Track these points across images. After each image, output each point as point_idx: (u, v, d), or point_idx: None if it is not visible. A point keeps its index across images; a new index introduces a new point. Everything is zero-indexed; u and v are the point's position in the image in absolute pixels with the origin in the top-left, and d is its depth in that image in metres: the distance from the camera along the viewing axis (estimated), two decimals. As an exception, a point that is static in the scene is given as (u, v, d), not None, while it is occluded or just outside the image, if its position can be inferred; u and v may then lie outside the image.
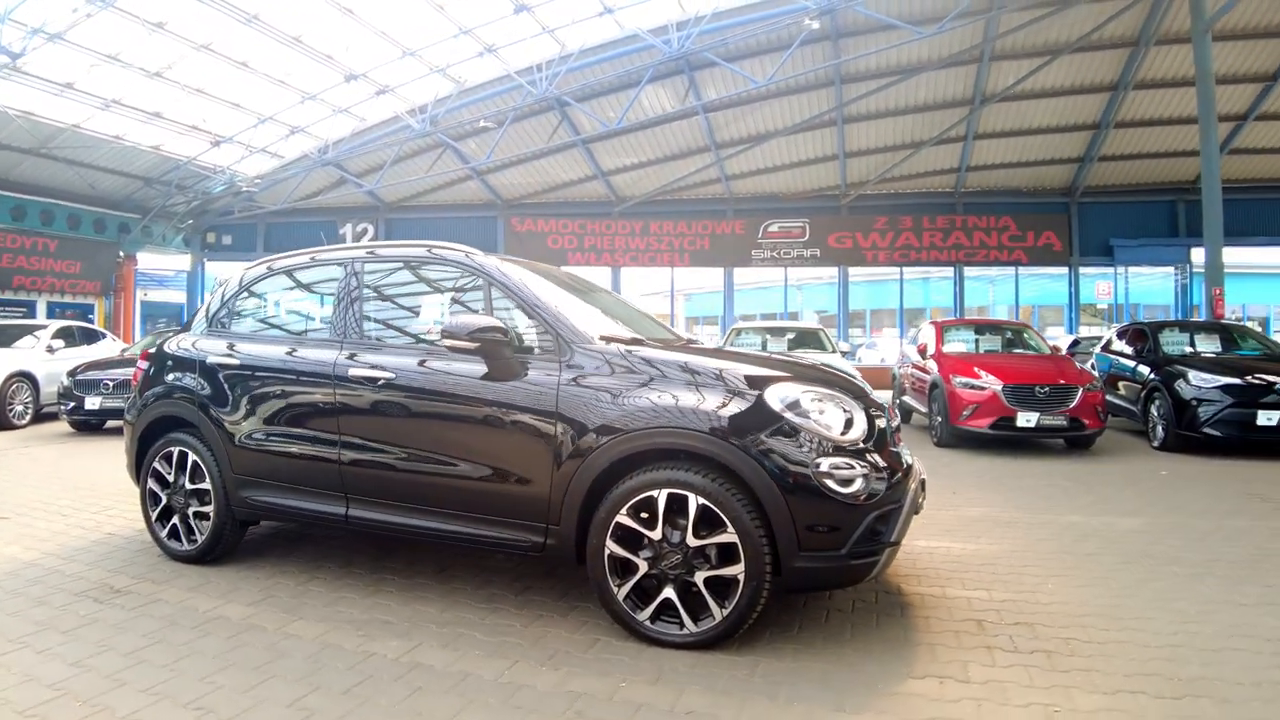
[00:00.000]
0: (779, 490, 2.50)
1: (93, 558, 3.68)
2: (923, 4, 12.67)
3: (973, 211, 19.62)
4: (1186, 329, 9.37)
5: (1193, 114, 15.24)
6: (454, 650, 2.60)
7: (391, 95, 14.29)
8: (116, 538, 4.09)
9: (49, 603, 3.04)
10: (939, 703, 2.25)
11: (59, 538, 4.07)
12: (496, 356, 2.86)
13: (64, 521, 4.46)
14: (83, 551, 3.79)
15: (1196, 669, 2.48)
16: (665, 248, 19.65)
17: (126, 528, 4.29)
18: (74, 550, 3.81)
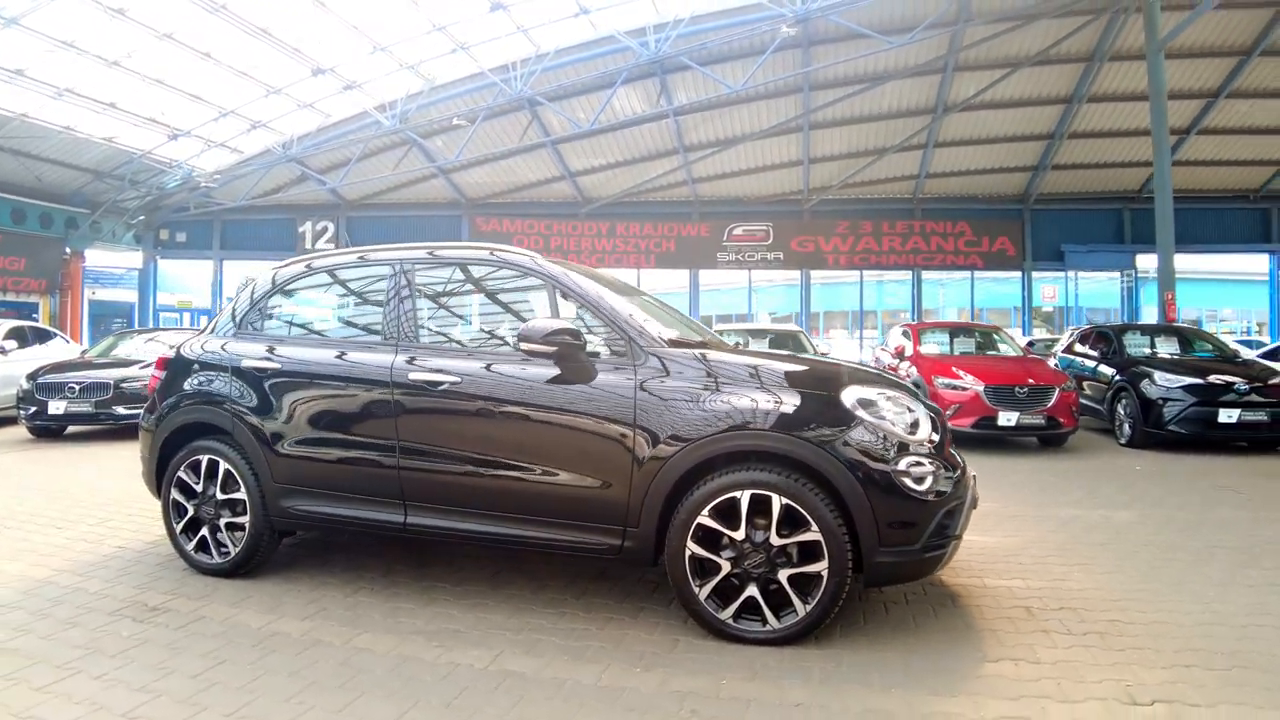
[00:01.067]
0: (862, 489, 2.65)
1: (111, 573, 3.56)
2: (894, 15, 13.16)
3: (931, 217, 20.39)
4: (1147, 332, 9.99)
5: (1140, 127, 16.26)
6: (538, 656, 2.65)
7: (359, 91, 14.03)
8: (129, 551, 3.96)
9: (83, 624, 2.93)
10: (1020, 682, 2.44)
11: (64, 552, 3.92)
12: (572, 360, 2.93)
13: (62, 535, 4.29)
14: (97, 567, 3.66)
15: (1233, 644, 2.74)
16: (632, 249, 19.81)
17: (135, 540, 4.16)
18: (88, 566, 3.68)
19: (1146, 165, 17.85)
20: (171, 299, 21.00)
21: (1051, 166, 18.52)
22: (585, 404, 2.91)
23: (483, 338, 3.49)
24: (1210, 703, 2.30)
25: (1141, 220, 19.37)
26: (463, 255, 3.51)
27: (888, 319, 22.52)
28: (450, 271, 3.51)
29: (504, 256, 3.34)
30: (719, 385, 2.84)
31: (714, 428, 2.76)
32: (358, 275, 3.70)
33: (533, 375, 3.01)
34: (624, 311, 3.09)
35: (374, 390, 3.23)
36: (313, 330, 3.75)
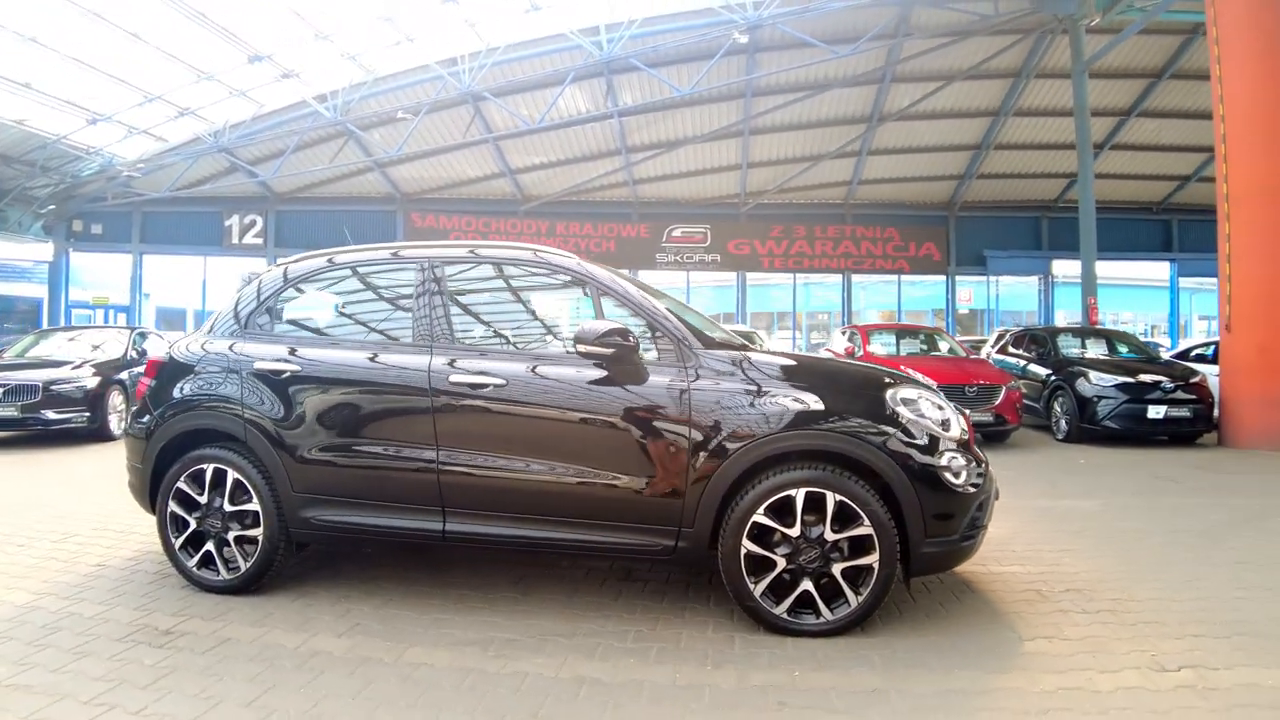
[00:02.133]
0: (911, 484, 2.85)
1: (102, 595, 3.34)
2: (840, 26, 13.74)
3: (861, 222, 21.37)
4: (1078, 334, 10.82)
5: (1059, 140, 17.59)
6: (604, 660, 2.69)
7: (297, 80, 13.48)
8: (110, 569, 3.72)
9: (94, 653, 2.74)
10: (1060, 657, 2.68)
11: (37, 573, 3.64)
12: (626, 362, 2.99)
13: (26, 554, 3.99)
14: (81, 588, 3.43)
15: (1227, 614, 3.10)
16: (571, 249, 19.63)
17: (113, 557, 3.92)
18: (70, 588, 3.43)
19: (1064, 177, 19.36)
20: (86, 295, 19.50)
21: (977, 176, 19.75)
22: (639, 406, 2.98)
23: (524, 339, 3.49)
24: (1227, 665, 2.61)
25: (1057, 228, 20.94)
26: (502, 255, 3.49)
27: (810, 320, 23.48)
28: (487, 271, 3.50)
29: (547, 258, 3.35)
30: (770, 386, 2.98)
31: (769, 428, 2.89)
32: (385, 273, 3.61)
33: (584, 377, 3.04)
34: (669, 314, 3.18)
35: (411, 394, 3.17)
36: (333, 331, 3.62)
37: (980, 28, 13.53)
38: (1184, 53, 14.77)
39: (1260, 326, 7.84)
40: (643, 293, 3.29)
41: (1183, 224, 20.42)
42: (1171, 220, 20.41)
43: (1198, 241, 20.35)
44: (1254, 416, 7.89)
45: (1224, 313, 8.33)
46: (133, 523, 4.54)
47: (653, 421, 2.97)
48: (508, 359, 3.21)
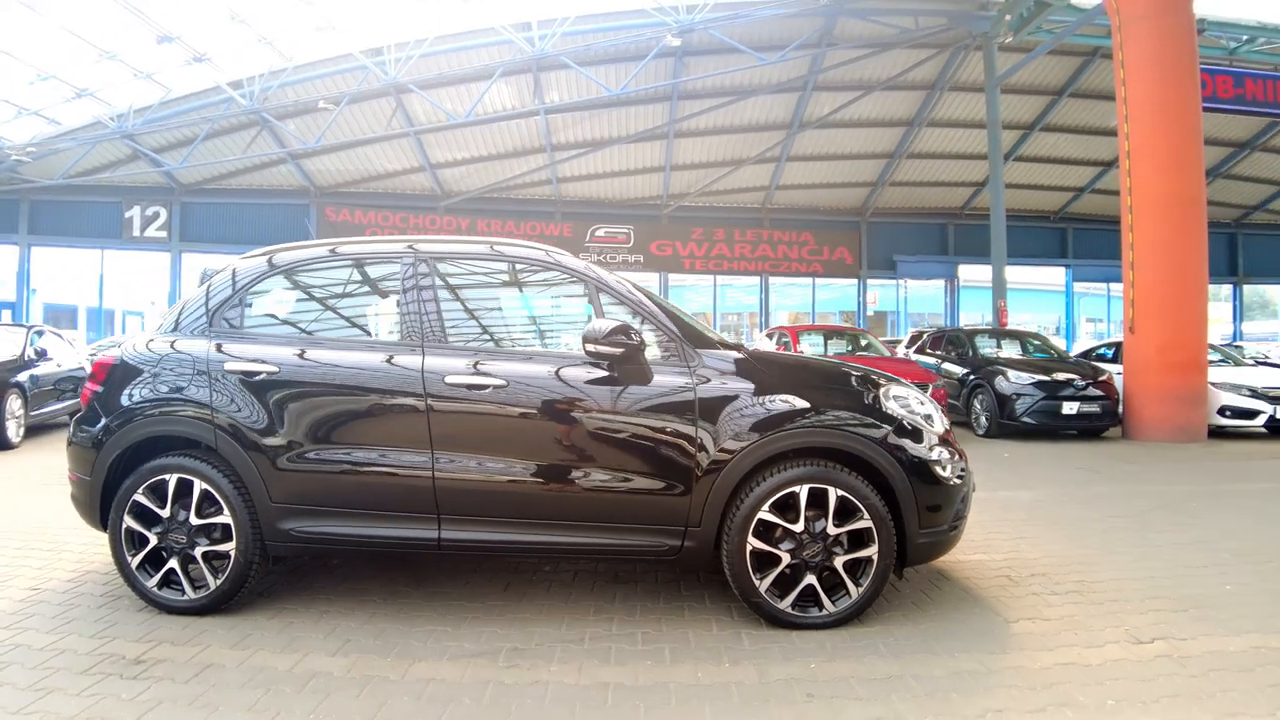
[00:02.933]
0: (908, 478, 3.01)
1: (47, 623, 3.05)
2: (768, 33, 14.17)
3: (778, 226, 22.13)
4: (993, 335, 11.57)
5: (966, 151, 18.76)
6: (622, 664, 2.68)
7: (209, 64, 12.62)
8: (48, 593, 3.41)
9: (59, 688, 2.48)
10: (1047, 636, 2.90)
11: None
12: (633, 362, 3.00)
13: (34, 561, 3.71)
14: (22, 616, 3.12)
15: (1178, 590, 3.43)
16: (493, 249, 19.51)
17: (46, 579, 3.57)
18: (8, 615, 3.11)
19: (970, 185, 20.66)
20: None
21: (888, 183, 20.80)
22: (646, 406, 3.00)
23: (523, 340, 3.43)
24: (1192, 636, 2.89)
25: (962, 235, 22.33)
26: (514, 254, 3.41)
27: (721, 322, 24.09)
28: (483, 269, 3.43)
29: (557, 258, 3.31)
30: (774, 385, 3.07)
31: (774, 425, 2.98)
32: (374, 268, 3.46)
33: (588, 377, 3.04)
34: (669, 314, 3.22)
35: (403, 396, 3.06)
36: (315, 328, 3.41)
37: (901, 41, 14.28)
38: (1083, 73, 16.11)
39: (1160, 329, 8.65)
40: (643, 294, 3.32)
41: (1077, 232, 22.20)
42: (1067, 228, 22.14)
43: (1089, 248, 22.22)
44: (1154, 411, 8.69)
45: (1128, 316, 9.13)
46: (61, 538, 4.22)
47: (659, 421, 3.00)
48: (507, 359, 3.15)
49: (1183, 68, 8.67)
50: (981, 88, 16.08)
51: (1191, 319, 8.69)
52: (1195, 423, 8.64)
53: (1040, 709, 2.34)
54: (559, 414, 3.04)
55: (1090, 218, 21.93)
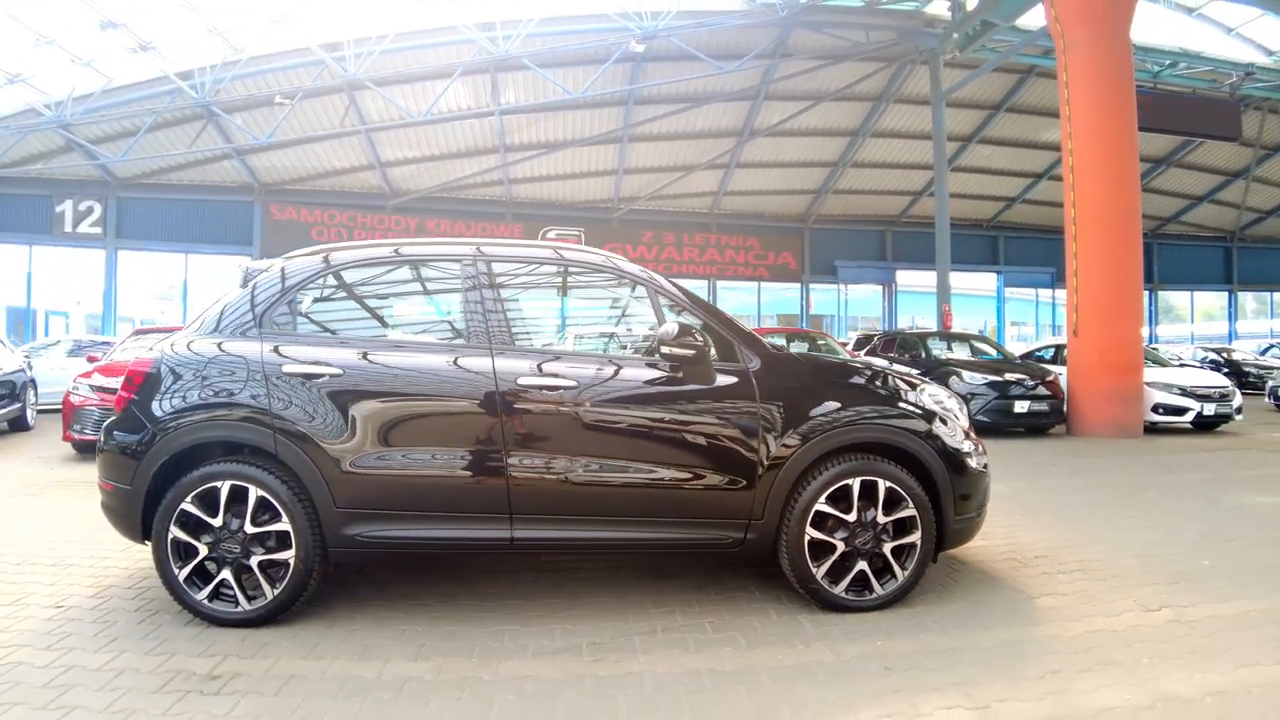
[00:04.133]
0: (946, 469, 3.31)
1: (90, 640, 2.94)
2: (727, 43, 14.60)
3: (725, 231, 22.71)
4: (945, 338, 12.27)
5: (905, 161, 19.70)
6: (701, 652, 2.85)
7: (155, 54, 12.06)
8: (76, 609, 3.30)
9: (142, 709, 2.40)
10: (1070, 608, 3.25)
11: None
12: (700, 362, 3.18)
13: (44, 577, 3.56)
14: (59, 635, 2.99)
15: (1171, 566, 3.87)
16: (442, 249, 19.32)
17: (68, 595, 3.46)
18: (44, 635, 2.99)
19: (908, 194, 21.68)
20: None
21: (832, 191, 21.62)
22: (711, 406, 3.20)
23: (588, 342, 3.58)
24: (1191, 603, 3.30)
25: (900, 241, 23.41)
26: (574, 259, 3.54)
27: None
28: (547, 273, 3.56)
29: (617, 264, 3.46)
30: (826, 385, 3.34)
31: (830, 424, 3.23)
32: (438, 270, 3.52)
33: (657, 378, 3.21)
34: (723, 317, 3.44)
35: (477, 397, 3.14)
36: (371, 330, 3.47)
37: (851, 53, 14.95)
38: (1019, 89, 17.22)
39: (1101, 332, 9.42)
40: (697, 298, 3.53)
41: (1007, 239, 23.59)
42: (999, 236, 23.51)
43: (1019, 255, 23.63)
44: (1097, 409, 9.44)
45: (1071, 320, 9.89)
46: (62, 552, 4.12)
47: (724, 420, 3.19)
48: (576, 361, 3.29)
49: (1121, 89, 9.49)
50: (924, 100, 16.97)
51: (1129, 323, 9.50)
52: (1133, 420, 9.44)
53: (1088, 668, 2.67)
54: (629, 414, 3.19)
55: (1020, 226, 23.36)
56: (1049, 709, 2.39)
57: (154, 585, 3.54)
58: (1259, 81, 15.95)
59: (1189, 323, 27.60)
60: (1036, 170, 20.80)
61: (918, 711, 2.38)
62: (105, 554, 4.11)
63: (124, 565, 3.91)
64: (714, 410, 3.21)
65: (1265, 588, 3.54)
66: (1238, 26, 15.18)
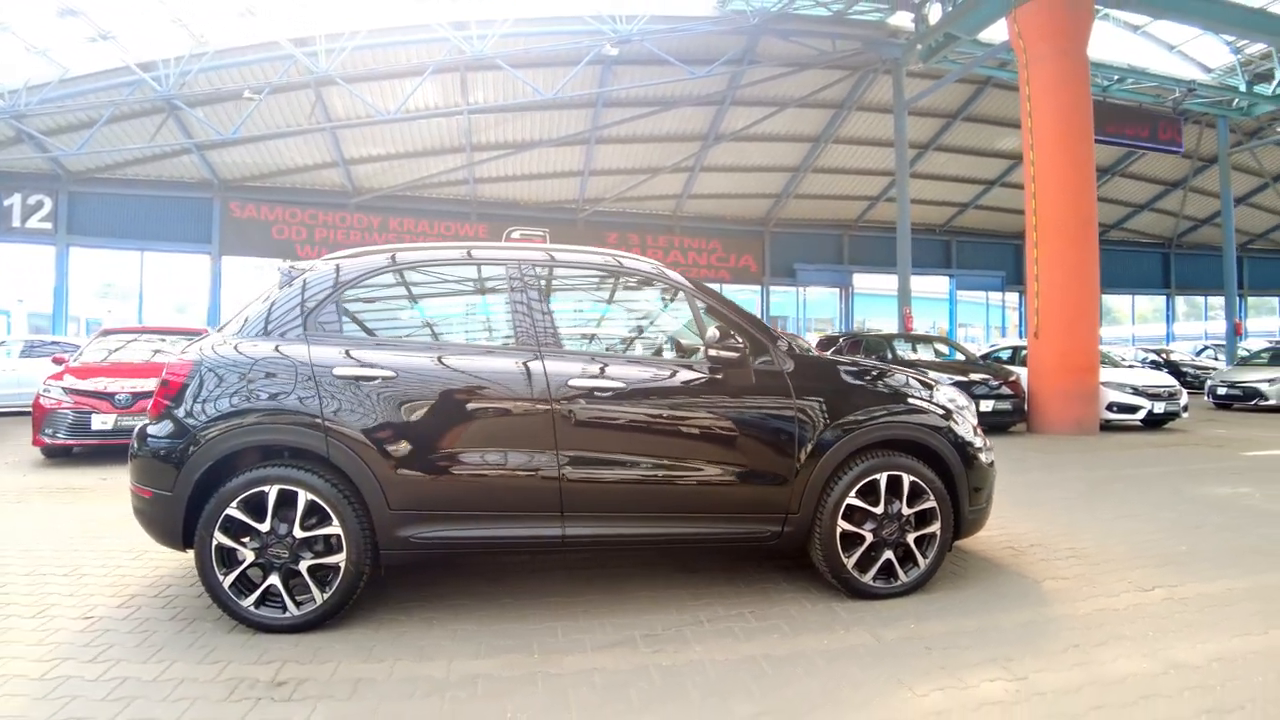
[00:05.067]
0: (962, 464, 3.59)
1: (132, 651, 2.89)
2: (698, 49, 14.87)
3: (688, 233, 23.04)
4: (909, 339, 12.76)
5: (863, 167, 20.32)
6: (751, 640, 3.03)
7: (114, 44, 11.65)
8: (106, 620, 3.24)
9: (214, 718, 2.43)
10: (1073, 590, 3.55)
11: (12, 635, 3.08)
12: (742, 365, 3.39)
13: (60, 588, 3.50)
14: (100, 647, 2.93)
15: (1154, 550, 4.22)
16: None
17: (95, 605, 3.42)
18: (83, 648, 2.92)
19: (864, 199, 22.34)
20: None
21: (793, 195, 22.14)
22: (752, 406, 3.39)
23: (630, 345, 3.72)
24: (1180, 583, 3.65)
25: (857, 245, 24.09)
26: (595, 261, 3.69)
27: None
28: (590, 277, 3.70)
29: (662, 271, 3.64)
30: (855, 385, 3.57)
31: (861, 422, 3.46)
32: (487, 272, 3.60)
33: (697, 379, 3.39)
34: (760, 323, 3.64)
35: (529, 400, 3.23)
36: (417, 332, 3.52)
37: (817, 62, 15.40)
38: (975, 100, 17.97)
39: (1061, 335, 9.97)
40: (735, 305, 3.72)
41: (959, 244, 24.50)
42: (951, 241, 24.41)
43: (971, 259, 24.56)
44: (1056, 408, 9.99)
45: (1032, 323, 10.43)
46: (73, 561, 4.06)
47: (764, 419, 3.39)
48: (623, 363, 3.43)
49: (1080, 103, 10.08)
50: (884, 108, 17.57)
51: (1087, 326, 10.09)
52: (1090, 418, 10.02)
53: (1103, 642, 2.96)
54: (675, 414, 3.35)
55: (972, 231, 24.30)
56: (1079, 677, 2.67)
57: (181, 593, 3.59)
58: (1199, 97, 17.07)
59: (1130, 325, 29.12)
60: (989, 177, 21.70)
61: (965, 684, 2.63)
62: (117, 562, 4.07)
63: (141, 573, 3.88)
64: (753, 410, 3.41)
65: (1241, 569, 3.92)
66: (1179, 44, 16.20)
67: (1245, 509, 5.35)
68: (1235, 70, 16.73)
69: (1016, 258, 25.38)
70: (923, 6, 14.28)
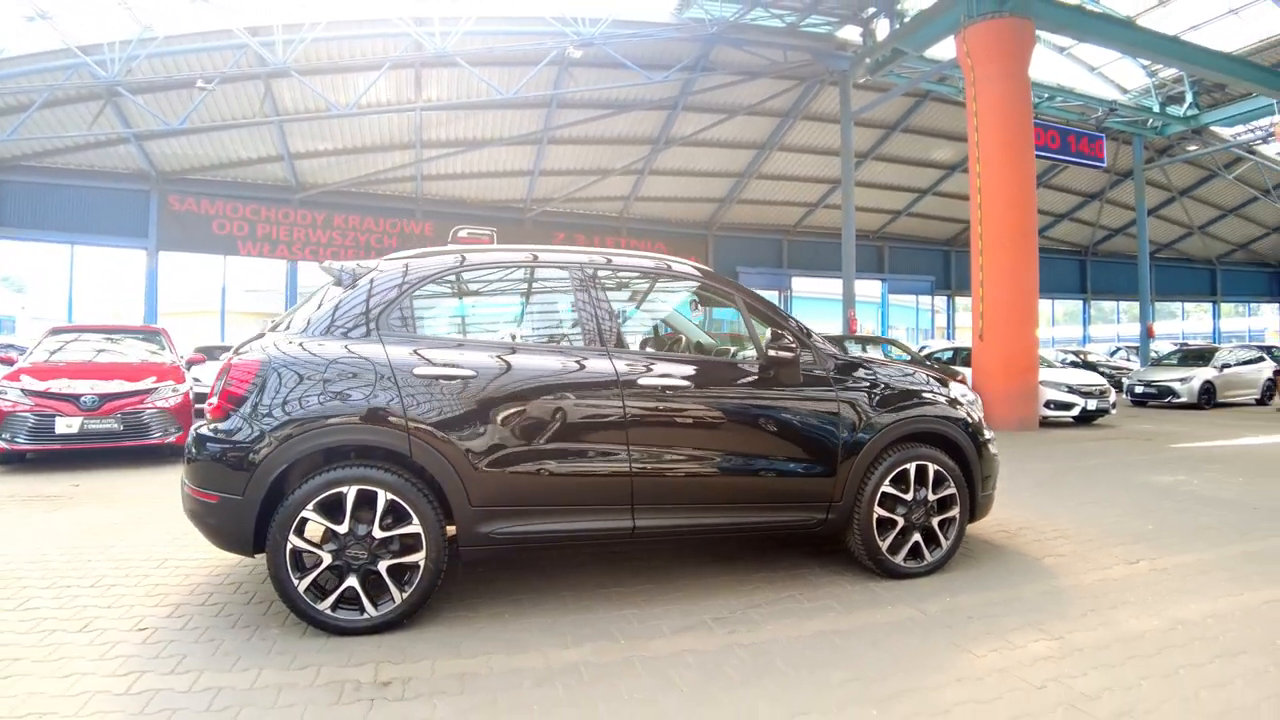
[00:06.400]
0: (977, 453, 4.01)
1: (209, 661, 2.85)
2: (654, 53, 15.18)
3: (635, 235, 23.34)
4: (860, 340, 13.43)
5: (806, 174, 21.11)
6: (810, 619, 3.30)
7: (51, 25, 11.00)
8: (167, 630, 3.16)
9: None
10: (1072, 564, 4.01)
11: (72, 650, 3.01)
12: (794, 364, 3.68)
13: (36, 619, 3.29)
14: (174, 660, 2.86)
15: (1125, 530, 4.75)
16: (350, 243, 18.77)
17: (135, 616, 3.33)
18: (155, 660, 2.85)
19: (803, 205, 23.19)
20: None
21: (736, 200, 22.76)
22: (800, 402, 3.69)
23: (686, 344, 3.95)
24: (1156, 556, 4.17)
25: (796, 249, 24.94)
26: (678, 269, 3.95)
27: None
28: (647, 281, 3.93)
29: (712, 278, 3.91)
30: (892, 384, 3.91)
31: (895, 419, 3.82)
32: (544, 275, 3.75)
33: (756, 377, 3.67)
34: (802, 325, 3.95)
35: (602, 397, 3.40)
36: (486, 332, 3.67)
37: (768, 71, 15.97)
38: (914, 112, 18.97)
39: (1005, 338, 10.75)
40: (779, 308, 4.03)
41: (892, 249, 25.70)
42: (884, 246, 25.58)
43: (903, 265, 25.79)
44: (1001, 406, 10.76)
45: (977, 326, 11.20)
46: (97, 571, 3.95)
47: (811, 415, 3.70)
48: (684, 362, 3.67)
49: (1024, 120, 10.91)
50: (829, 118, 18.35)
51: (1028, 329, 10.91)
52: (1031, 415, 10.85)
53: (1113, 606, 3.41)
54: (734, 411, 3.61)
55: (904, 237, 25.55)
56: (1105, 635, 3.09)
57: (228, 599, 3.54)
58: (1119, 117, 18.62)
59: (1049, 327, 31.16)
60: (922, 186, 22.88)
61: (1014, 645, 3.00)
62: (143, 571, 3.99)
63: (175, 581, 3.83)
64: (804, 407, 3.71)
65: (1204, 543, 4.50)
66: (1100, 67, 17.65)
67: (1189, 494, 6.03)
68: (1150, 92, 18.32)
69: (945, 263, 26.84)
70: (870, 22, 15.04)
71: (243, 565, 4.08)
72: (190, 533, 4.55)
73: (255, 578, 3.86)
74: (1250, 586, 3.69)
